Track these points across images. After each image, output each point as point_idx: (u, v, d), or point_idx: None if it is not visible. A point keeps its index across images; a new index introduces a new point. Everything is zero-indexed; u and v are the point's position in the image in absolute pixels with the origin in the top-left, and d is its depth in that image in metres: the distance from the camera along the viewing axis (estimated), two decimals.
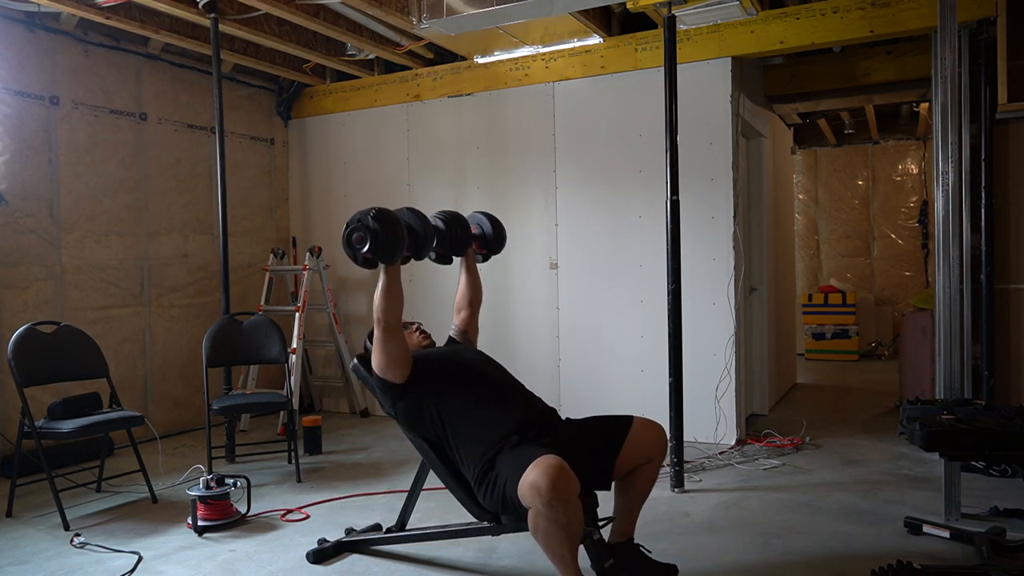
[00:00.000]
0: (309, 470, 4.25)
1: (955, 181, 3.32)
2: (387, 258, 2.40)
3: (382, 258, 2.39)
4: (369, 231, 2.35)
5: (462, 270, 3.00)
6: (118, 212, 4.90)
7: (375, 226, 2.34)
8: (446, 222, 2.82)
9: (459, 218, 2.88)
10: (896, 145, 8.73)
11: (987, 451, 2.61)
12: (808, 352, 8.42)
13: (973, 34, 4.04)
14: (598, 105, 4.93)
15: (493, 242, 3.02)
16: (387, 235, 2.36)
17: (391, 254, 2.40)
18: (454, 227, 2.83)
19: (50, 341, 3.70)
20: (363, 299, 5.86)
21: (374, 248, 2.36)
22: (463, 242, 2.87)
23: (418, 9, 4.22)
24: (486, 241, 3.01)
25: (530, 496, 2.15)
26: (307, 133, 6.13)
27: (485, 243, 3.01)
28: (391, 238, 2.37)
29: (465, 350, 2.89)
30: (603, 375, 4.95)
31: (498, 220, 3.04)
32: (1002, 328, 4.11)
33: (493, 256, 3.09)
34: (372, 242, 2.35)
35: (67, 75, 4.63)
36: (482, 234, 3.00)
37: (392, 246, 2.38)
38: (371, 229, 2.34)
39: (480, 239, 3.00)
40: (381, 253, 2.37)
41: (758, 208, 5.47)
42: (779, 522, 3.25)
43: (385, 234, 2.36)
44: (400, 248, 2.42)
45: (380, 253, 2.37)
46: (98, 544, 3.12)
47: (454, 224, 2.84)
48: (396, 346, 2.50)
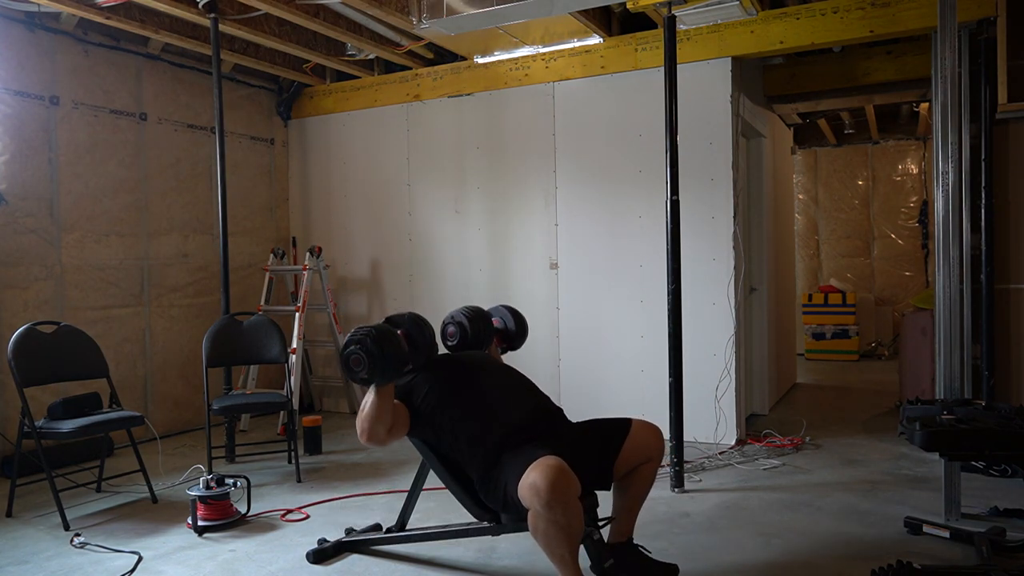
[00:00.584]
0: (309, 470, 4.25)
1: (955, 181, 3.31)
2: (382, 382, 2.41)
3: (377, 382, 2.40)
4: (368, 354, 2.34)
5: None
6: (118, 212, 4.90)
7: (374, 349, 2.34)
8: (469, 318, 2.86)
9: (481, 313, 2.92)
10: (896, 145, 8.73)
11: (987, 451, 2.61)
12: (808, 352, 8.42)
13: (973, 34, 4.04)
14: (598, 105, 4.93)
15: (515, 337, 3.06)
16: (385, 362, 2.36)
17: (388, 378, 2.41)
18: (477, 323, 2.87)
19: (50, 341, 3.70)
20: (363, 299, 5.87)
21: (371, 374, 2.37)
22: (486, 337, 2.91)
23: (418, 9, 4.22)
24: (508, 335, 3.05)
25: (529, 497, 2.16)
26: (307, 133, 6.13)
27: (507, 337, 3.05)
28: (388, 365, 2.37)
29: (471, 355, 2.88)
30: (603, 375, 4.95)
31: (520, 315, 3.08)
32: (1002, 328, 4.11)
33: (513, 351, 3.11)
34: (369, 366, 2.35)
35: (67, 75, 4.63)
36: (504, 328, 3.04)
37: (388, 371, 2.39)
38: (370, 352, 2.34)
39: (502, 333, 3.04)
40: (377, 379, 2.38)
41: (758, 208, 5.47)
42: (779, 522, 3.25)
43: (383, 361, 2.35)
44: (398, 372, 2.43)
45: (377, 378, 2.38)
46: (98, 544, 3.12)
47: (477, 320, 2.88)
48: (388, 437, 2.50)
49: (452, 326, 2.87)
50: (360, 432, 2.48)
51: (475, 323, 2.87)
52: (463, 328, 2.85)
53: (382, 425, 2.45)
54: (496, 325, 3.02)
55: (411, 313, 2.64)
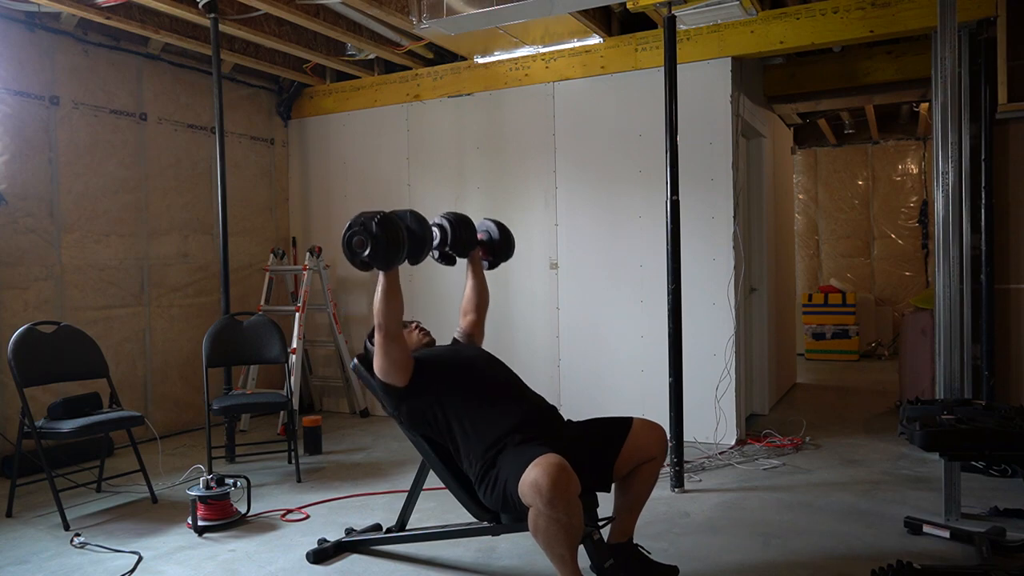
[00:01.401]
0: (309, 470, 4.25)
1: (955, 181, 3.32)
2: (385, 264, 2.40)
3: (380, 264, 2.39)
4: (371, 236, 2.34)
5: (468, 274, 3.01)
6: (118, 212, 4.90)
7: (377, 231, 2.33)
8: (451, 222, 2.83)
9: (466, 220, 2.89)
10: (896, 145, 8.73)
11: (987, 451, 2.60)
12: (808, 352, 8.42)
13: (973, 34, 4.04)
14: (598, 105, 4.93)
15: (500, 248, 3.01)
16: (388, 241, 2.35)
17: (389, 261, 2.39)
18: (459, 228, 2.83)
19: (50, 341, 3.70)
20: (363, 299, 5.87)
21: (373, 254, 2.35)
22: (467, 244, 2.88)
23: (418, 9, 4.22)
24: (493, 247, 3.01)
25: (531, 495, 2.15)
26: (307, 133, 6.13)
27: (492, 249, 3.01)
28: (391, 244, 2.36)
29: (466, 348, 2.90)
30: (603, 375, 4.95)
31: (506, 227, 3.04)
32: (1002, 328, 4.11)
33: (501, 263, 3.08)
34: (372, 247, 2.34)
35: (67, 75, 4.63)
36: (489, 240, 3.00)
37: (391, 253, 2.38)
38: (373, 234, 2.33)
39: (487, 245, 3.01)
40: (380, 259, 2.37)
41: (758, 208, 5.47)
42: (779, 522, 3.25)
43: (386, 240, 2.35)
44: (399, 256, 2.41)
45: (379, 259, 2.37)
46: (98, 544, 3.12)
47: (460, 225, 2.84)
48: (398, 350, 2.50)
49: (435, 227, 2.80)
50: (376, 322, 2.45)
51: (457, 228, 2.82)
52: (444, 231, 2.80)
53: (393, 317, 2.43)
54: (481, 237, 2.98)
55: (411, 210, 2.61)
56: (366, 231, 2.34)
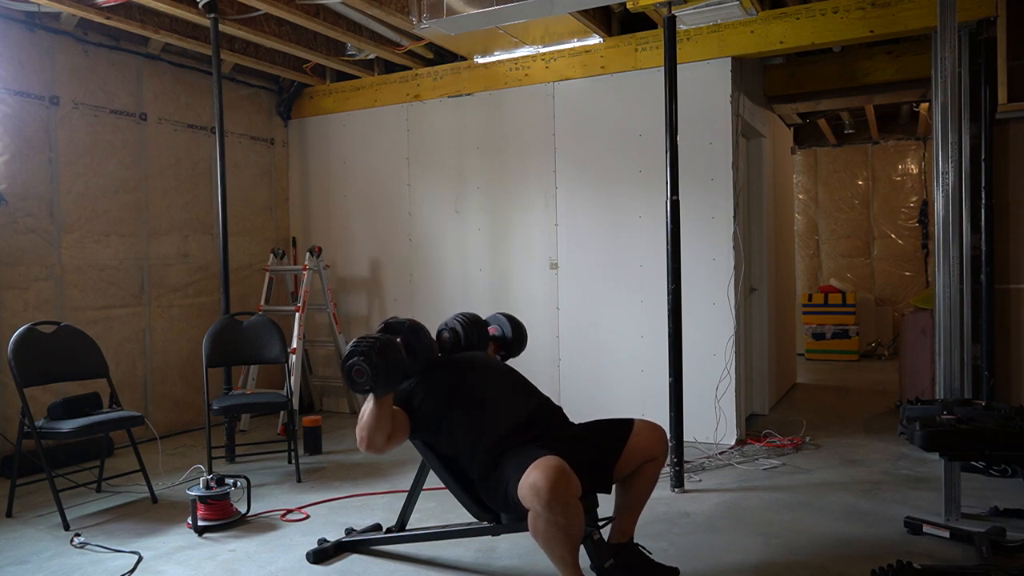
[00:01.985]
0: (309, 470, 4.25)
1: (955, 181, 3.32)
2: (383, 392, 2.43)
3: (379, 393, 2.42)
4: (371, 366, 2.35)
5: None
6: (118, 212, 4.90)
7: (377, 361, 2.35)
8: (464, 325, 2.87)
9: (476, 320, 2.93)
10: (896, 145, 8.73)
11: (987, 451, 2.60)
12: (808, 352, 8.42)
13: (973, 34, 4.04)
14: (598, 105, 4.93)
15: (512, 344, 3.04)
16: (387, 373, 2.38)
17: (388, 389, 2.43)
18: (471, 331, 2.88)
19: (50, 341, 3.70)
20: (363, 299, 5.87)
21: (374, 383, 2.38)
22: (479, 344, 2.91)
23: (418, 9, 4.22)
24: (506, 343, 3.04)
25: (529, 497, 2.15)
26: (307, 133, 6.13)
27: (504, 344, 3.04)
28: (391, 375, 2.39)
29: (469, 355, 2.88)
30: (603, 375, 4.95)
31: (518, 321, 3.08)
32: (1002, 328, 4.11)
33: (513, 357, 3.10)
34: (373, 379, 2.36)
35: (67, 75, 4.63)
36: (502, 335, 3.04)
37: (391, 382, 2.41)
38: (372, 364, 2.35)
39: (500, 340, 3.04)
40: (379, 389, 2.40)
41: (758, 208, 5.47)
42: (779, 522, 3.25)
43: (386, 372, 2.37)
44: (397, 384, 2.46)
45: (378, 389, 2.40)
46: (98, 544, 3.12)
47: (471, 328, 2.89)
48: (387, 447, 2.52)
49: (447, 332, 2.86)
50: (359, 440, 2.50)
51: (470, 331, 2.87)
52: (457, 335, 2.85)
53: (381, 434, 2.46)
54: (493, 333, 3.02)
55: (410, 320, 2.64)
56: (367, 361, 2.36)
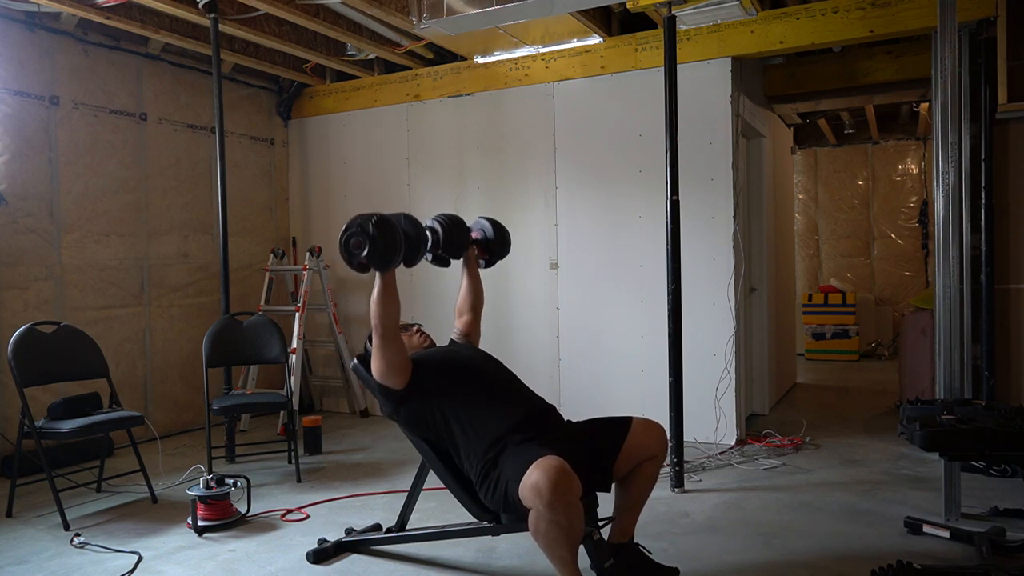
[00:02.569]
0: (309, 470, 4.25)
1: (955, 181, 3.32)
2: (383, 265, 2.41)
3: (378, 265, 2.40)
4: (368, 237, 2.35)
5: (463, 274, 3.00)
6: (118, 212, 4.90)
7: (375, 233, 2.35)
8: (443, 224, 2.82)
9: (458, 221, 2.88)
10: (896, 145, 8.73)
11: (987, 451, 2.60)
12: (808, 352, 8.42)
13: (973, 34, 4.04)
14: (598, 105, 4.93)
15: (495, 246, 3.00)
16: (385, 242, 2.37)
17: (387, 262, 2.41)
18: (451, 230, 2.83)
19: (50, 341, 3.70)
20: (363, 299, 5.87)
21: (371, 254, 2.36)
22: (460, 245, 2.87)
23: (418, 9, 4.22)
24: (488, 246, 2.99)
25: (531, 497, 2.15)
26: (307, 133, 6.13)
27: (487, 247, 3.00)
28: (389, 246, 2.38)
29: (464, 348, 2.90)
30: (603, 375, 4.95)
31: (502, 225, 3.03)
32: (1002, 328, 4.11)
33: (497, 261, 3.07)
34: (370, 248, 2.35)
35: (67, 75, 4.63)
36: (484, 238, 2.99)
37: (389, 254, 2.39)
38: (370, 235, 2.35)
39: (482, 244, 2.99)
40: (377, 260, 2.38)
41: (758, 208, 5.47)
42: (779, 522, 3.25)
43: (383, 241, 2.36)
44: (396, 256, 2.43)
45: (376, 260, 2.38)
46: (98, 544, 3.12)
47: (452, 227, 2.84)
48: (395, 352, 2.50)
49: (427, 231, 2.79)
50: (374, 328, 2.46)
51: (449, 230, 2.82)
52: (436, 233, 2.80)
53: (391, 317, 2.44)
54: (476, 236, 2.97)
55: (404, 214, 2.62)
56: (363, 232, 2.36)
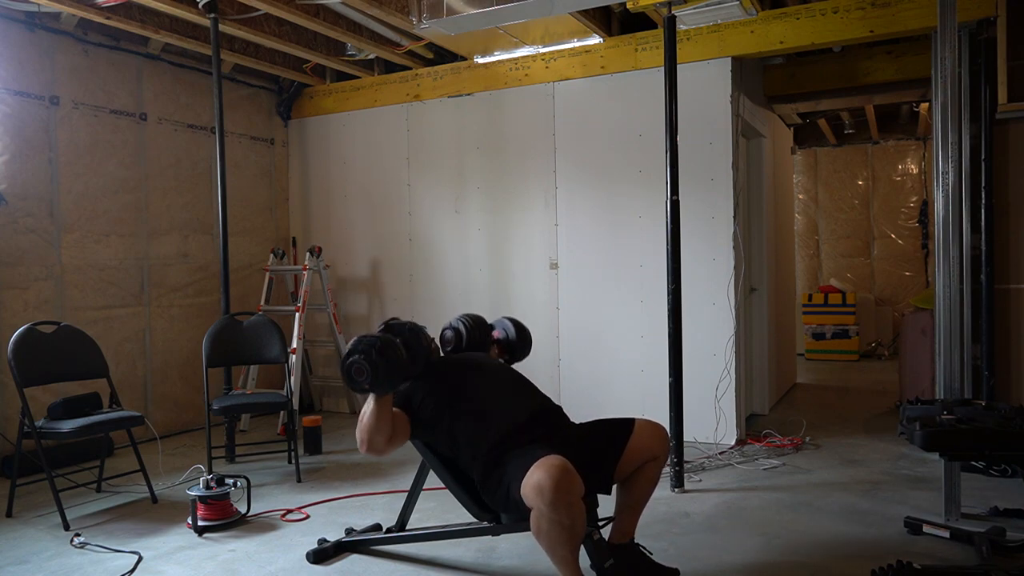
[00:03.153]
0: (309, 470, 4.25)
1: (955, 181, 3.31)
2: (384, 390, 2.42)
3: (379, 391, 2.41)
4: (371, 366, 2.35)
5: None
6: (118, 212, 4.90)
7: (378, 359, 2.35)
8: (468, 327, 2.87)
9: (480, 322, 2.93)
10: (896, 145, 8.73)
11: (987, 451, 2.60)
12: (808, 352, 8.42)
13: (973, 34, 4.04)
14: (598, 105, 4.93)
15: (516, 348, 3.04)
16: (387, 369, 2.37)
17: (388, 387, 2.43)
18: (475, 331, 2.88)
19: (50, 341, 3.70)
20: (363, 299, 5.87)
21: (373, 383, 2.37)
22: (481, 345, 2.91)
23: (418, 9, 4.22)
24: (510, 346, 3.03)
25: (533, 497, 2.15)
26: (307, 133, 6.13)
27: (508, 348, 3.04)
28: (391, 371, 2.38)
29: (470, 355, 2.89)
30: (603, 375, 4.95)
31: (523, 325, 3.07)
32: (1002, 328, 4.11)
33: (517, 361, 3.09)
34: (372, 378, 2.36)
35: (67, 75, 4.63)
36: (506, 339, 3.03)
37: (391, 379, 2.41)
38: (373, 363, 2.35)
39: (503, 344, 3.03)
40: (379, 388, 2.40)
41: (758, 208, 5.47)
42: (779, 522, 3.25)
43: (386, 371, 2.37)
44: (397, 381, 2.45)
45: (378, 388, 2.40)
46: (98, 544, 3.12)
47: (475, 328, 2.89)
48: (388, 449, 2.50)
49: (449, 331, 2.87)
50: (360, 443, 2.50)
51: (473, 331, 2.87)
52: (459, 334, 2.85)
53: (381, 435, 2.46)
54: (497, 336, 3.02)
55: (410, 322, 2.65)
56: (367, 359, 2.35)
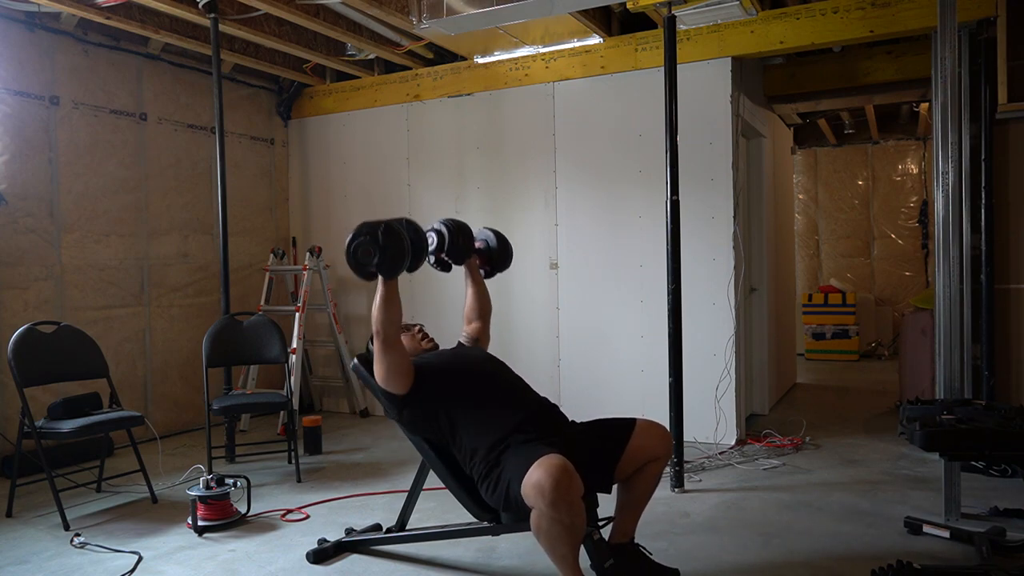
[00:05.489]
0: (309, 470, 4.25)
1: (955, 181, 3.32)
2: (391, 273, 2.42)
3: (387, 273, 2.40)
4: (379, 247, 2.35)
5: (467, 282, 3.01)
6: (118, 212, 4.90)
7: (384, 241, 2.35)
8: (450, 229, 2.84)
9: (464, 227, 2.90)
10: (896, 145, 8.73)
11: (987, 451, 2.60)
12: (808, 352, 8.42)
13: (973, 34, 4.04)
14: (598, 105, 4.93)
15: (498, 258, 3.03)
16: (394, 250, 2.38)
17: (395, 269, 2.42)
18: (457, 235, 2.84)
19: (50, 341, 3.70)
20: (363, 299, 5.87)
21: (381, 263, 2.37)
22: (465, 251, 2.89)
23: (418, 9, 4.22)
24: (491, 256, 3.02)
25: (533, 496, 2.15)
26: (307, 133, 6.13)
27: (489, 258, 3.03)
28: (397, 254, 2.39)
29: (470, 350, 2.90)
30: (603, 375, 4.95)
31: (505, 237, 3.06)
32: (1002, 328, 4.11)
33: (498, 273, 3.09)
34: (380, 257, 2.36)
35: (67, 75, 4.63)
36: (487, 248, 3.02)
37: (397, 261, 2.40)
38: (380, 244, 2.35)
39: (485, 254, 3.02)
40: (387, 268, 2.39)
41: (758, 208, 5.47)
42: (779, 522, 3.25)
43: (392, 250, 2.37)
44: (404, 264, 2.44)
45: (386, 268, 2.39)
46: (98, 544, 3.12)
47: (458, 232, 2.85)
48: (397, 357, 2.49)
49: (432, 233, 2.82)
50: (375, 334, 2.46)
51: (455, 235, 2.83)
52: (441, 236, 2.82)
53: (393, 324, 2.44)
54: (479, 246, 3.00)
55: (406, 218, 2.65)
56: (373, 241, 2.36)
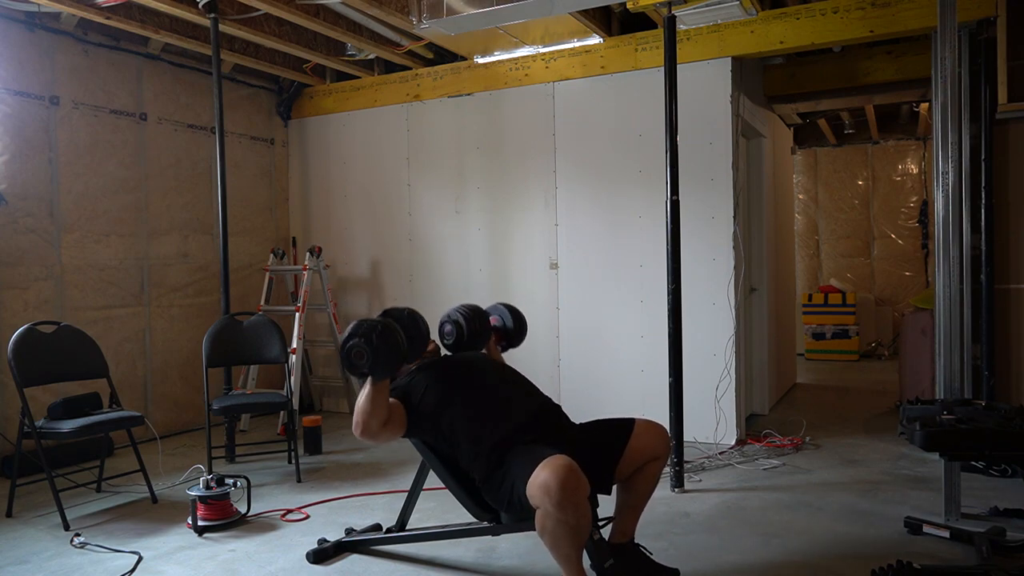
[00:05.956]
0: (309, 470, 4.26)
1: (955, 181, 3.31)
2: (382, 375, 2.42)
3: (377, 375, 2.41)
4: (371, 348, 2.35)
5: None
6: (118, 212, 4.90)
7: (378, 343, 2.35)
8: (466, 317, 2.87)
9: (479, 312, 2.93)
10: (896, 145, 8.73)
11: (987, 451, 2.60)
12: (808, 352, 8.42)
13: (973, 34, 4.04)
14: (598, 105, 4.94)
15: (514, 335, 3.07)
16: (387, 355, 2.37)
17: (387, 372, 2.42)
18: (474, 322, 2.88)
19: (50, 341, 3.70)
20: (363, 299, 5.87)
21: (373, 366, 2.37)
22: (482, 335, 2.92)
23: (418, 9, 4.22)
24: (506, 333, 3.06)
25: (540, 496, 2.15)
26: (307, 133, 6.13)
27: (506, 335, 3.06)
28: (390, 356, 2.38)
29: (470, 356, 2.89)
30: (603, 375, 4.95)
31: (519, 312, 3.10)
32: (1002, 328, 4.11)
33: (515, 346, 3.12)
34: (372, 360, 2.36)
35: (67, 75, 4.63)
36: (503, 326, 3.06)
37: (390, 364, 2.40)
38: (373, 346, 2.35)
39: (501, 331, 3.06)
40: (378, 371, 2.39)
41: (758, 208, 5.47)
42: (779, 522, 3.25)
43: (386, 353, 2.37)
44: (396, 366, 2.44)
45: (377, 371, 2.39)
46: (98, 544, 3.13)
47: (474, 319, 2.89)
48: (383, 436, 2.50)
49: (449, 324, 2.87)
50: (355, 426, 2.48)
51: (472, 321, 2.87)
52: (459, 327, 2.85)
53: (376, 419, 2.45)
54: (494, 323, 3.03)
55: (408, 309, 2.66)
56: (367, 343, 2.35)
